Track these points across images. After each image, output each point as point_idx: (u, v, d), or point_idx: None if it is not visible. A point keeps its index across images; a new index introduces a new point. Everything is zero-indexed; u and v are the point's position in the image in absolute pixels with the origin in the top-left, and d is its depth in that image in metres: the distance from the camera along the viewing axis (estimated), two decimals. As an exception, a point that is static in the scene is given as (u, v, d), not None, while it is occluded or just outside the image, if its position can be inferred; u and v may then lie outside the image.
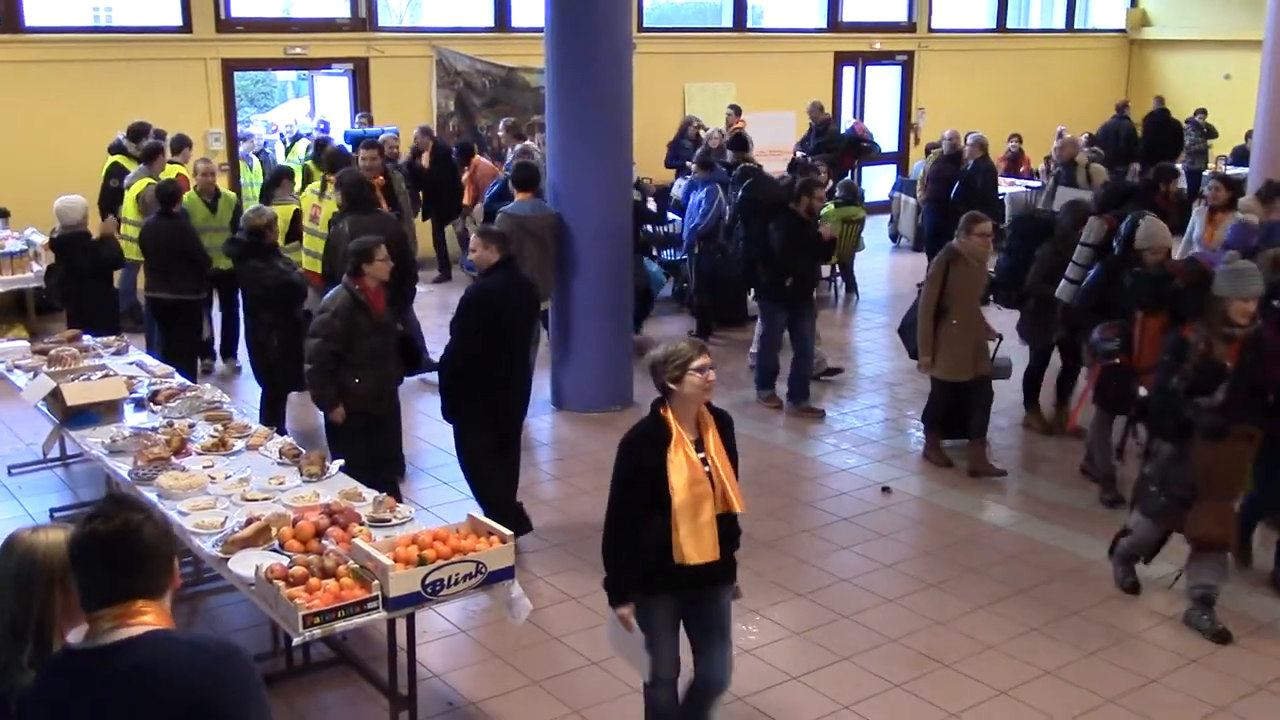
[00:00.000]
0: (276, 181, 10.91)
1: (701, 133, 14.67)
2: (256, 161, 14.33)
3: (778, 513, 7.62)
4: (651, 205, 13.46)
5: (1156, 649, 5.90)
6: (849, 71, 18.94)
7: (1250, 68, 15.55)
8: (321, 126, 15.21)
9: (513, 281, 6.74)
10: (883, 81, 19.50)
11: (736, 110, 15.67)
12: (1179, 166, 17.07)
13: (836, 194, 13.27)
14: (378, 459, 6.67)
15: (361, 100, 14.93)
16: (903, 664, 5.77)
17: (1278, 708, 5.41)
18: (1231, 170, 15.88)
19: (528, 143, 12.33)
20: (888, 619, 6.21)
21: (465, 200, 13.07)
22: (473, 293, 6.73)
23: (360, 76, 14.99)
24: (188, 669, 2.51)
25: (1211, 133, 18.26)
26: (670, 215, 13.11)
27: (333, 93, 16.19)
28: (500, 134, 13.62)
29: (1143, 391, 6.49)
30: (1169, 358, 5.96)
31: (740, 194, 10.13)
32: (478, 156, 13.32)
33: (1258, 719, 5.33)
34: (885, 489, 7.95)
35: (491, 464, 6.82)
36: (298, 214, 9.93)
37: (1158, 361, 6.15)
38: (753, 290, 9.97)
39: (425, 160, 13.36)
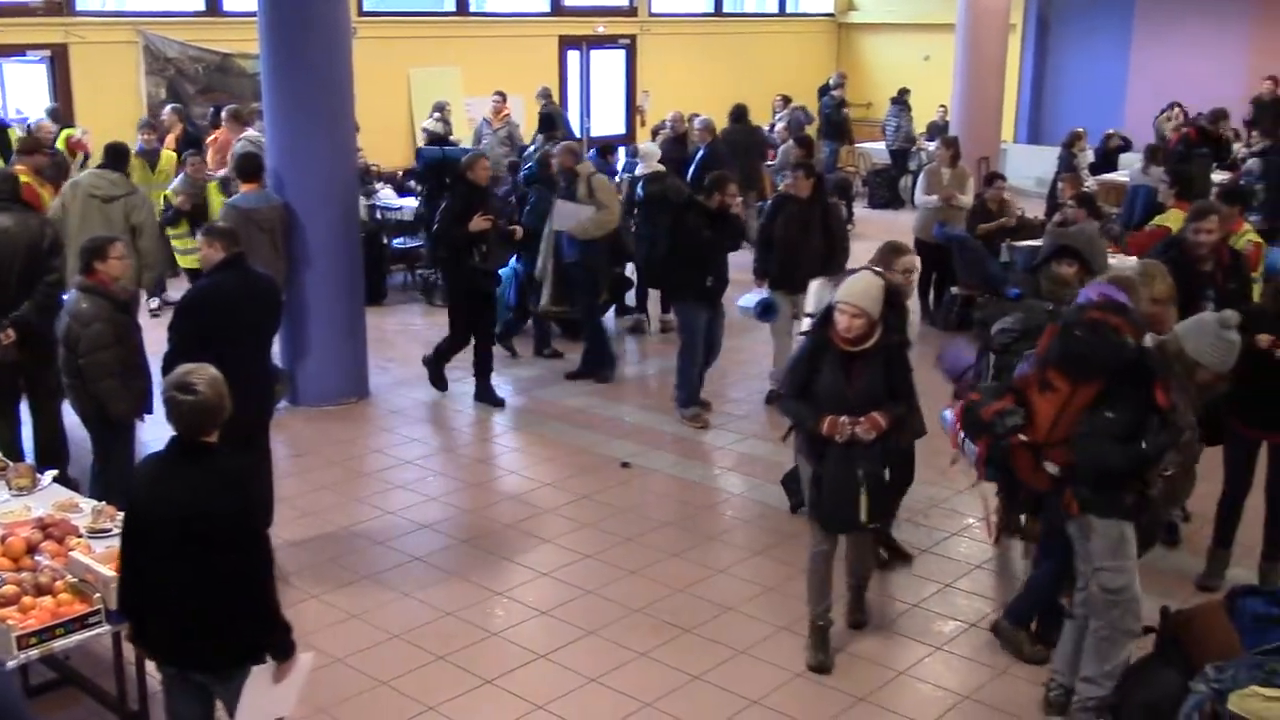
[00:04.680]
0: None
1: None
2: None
3: (518, 495, 7.66)
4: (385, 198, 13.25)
5: (887, 600, 6.25)
6: (574, 55, 19.13)
7: (946, 49, 16.65)
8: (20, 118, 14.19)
9: (243, 279, 6.43)
10: (608, 65, 19.79)
11: (502, 96, 15.47)
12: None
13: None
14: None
15: (61, 90, 14.02)
16: (647, 632, 5.91)
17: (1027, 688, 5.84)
18: (929, 144, 16.85)
19: (249, 131, 11.87)
20: (632, 590, 6.35)
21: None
22: (191, 294, 6.44)
23: (59, 64, 14.07)
24: None
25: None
26: None
27: (27, 82, 15.10)
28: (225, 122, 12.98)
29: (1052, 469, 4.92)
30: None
31: (642, 192, 9.65)
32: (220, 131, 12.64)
33: (965, 651, 5.75)
34: (624, 464, 8.11)
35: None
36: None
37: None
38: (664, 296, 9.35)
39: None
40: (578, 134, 17.51)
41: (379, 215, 12.90)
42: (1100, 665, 4.94)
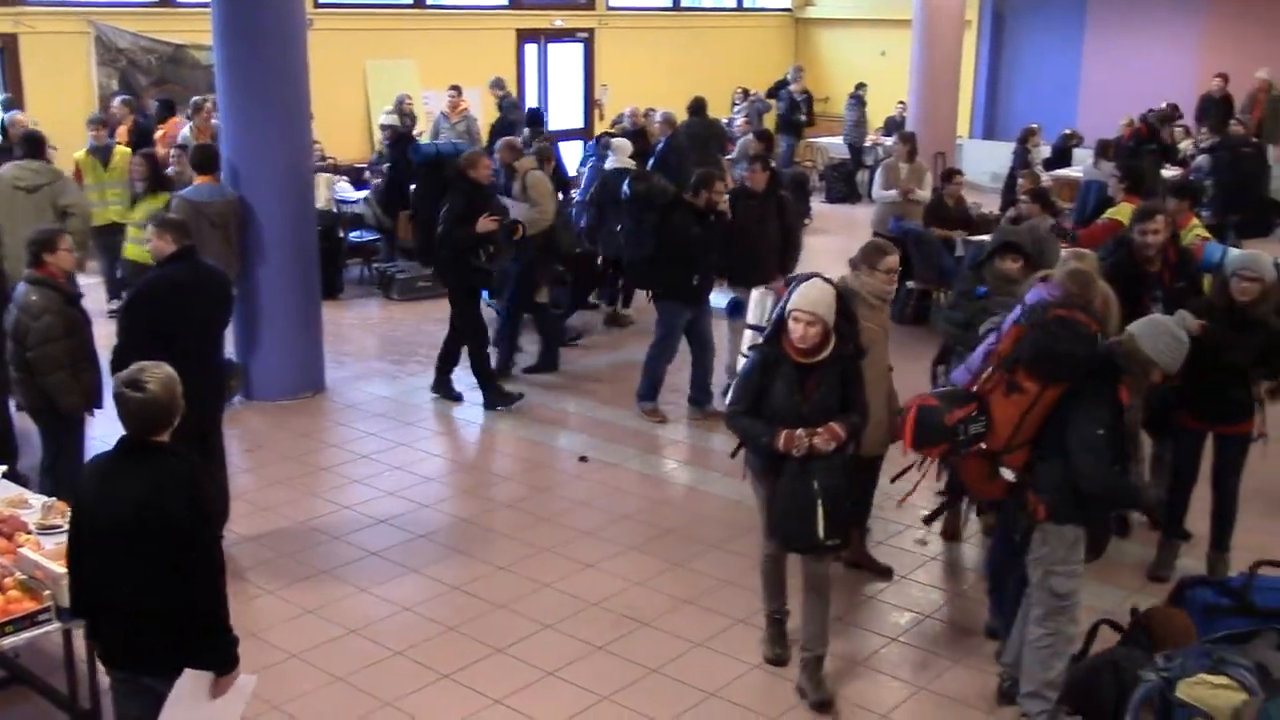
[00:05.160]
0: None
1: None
2: None
3: (475, 490, 7.65)
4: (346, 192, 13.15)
5: (846, 591, 6.27)
6: (531, 49, 19.07)
7: (903, 45, 16.73)
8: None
9: (193, 272, 6.37)
10: (566, 58, 19.74)
11: (457, 90, 15.42)
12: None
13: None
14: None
15: (11, 81, 13.81)
16: (605, 626, 5.92)
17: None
18: (886, 139, 16.95)
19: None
20: (589, 584, 6.35)
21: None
22: (140, 287, 6.36)
23: (9, 55, 13.85)
24: None
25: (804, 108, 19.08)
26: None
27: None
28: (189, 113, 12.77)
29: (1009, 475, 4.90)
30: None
31: (628, 190, 9.40)
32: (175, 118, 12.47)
33: (920, 642, 5.80)
34: (583, 458, 8.11)
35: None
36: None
37: (1089, 438, 4.68)
38: (650, 293, 9.07)
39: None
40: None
41: (335, 208, 12.81)
42: (1044, 674, 4.95)
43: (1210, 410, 6.13)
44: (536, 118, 14.58)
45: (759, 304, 5.72)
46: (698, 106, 14.38)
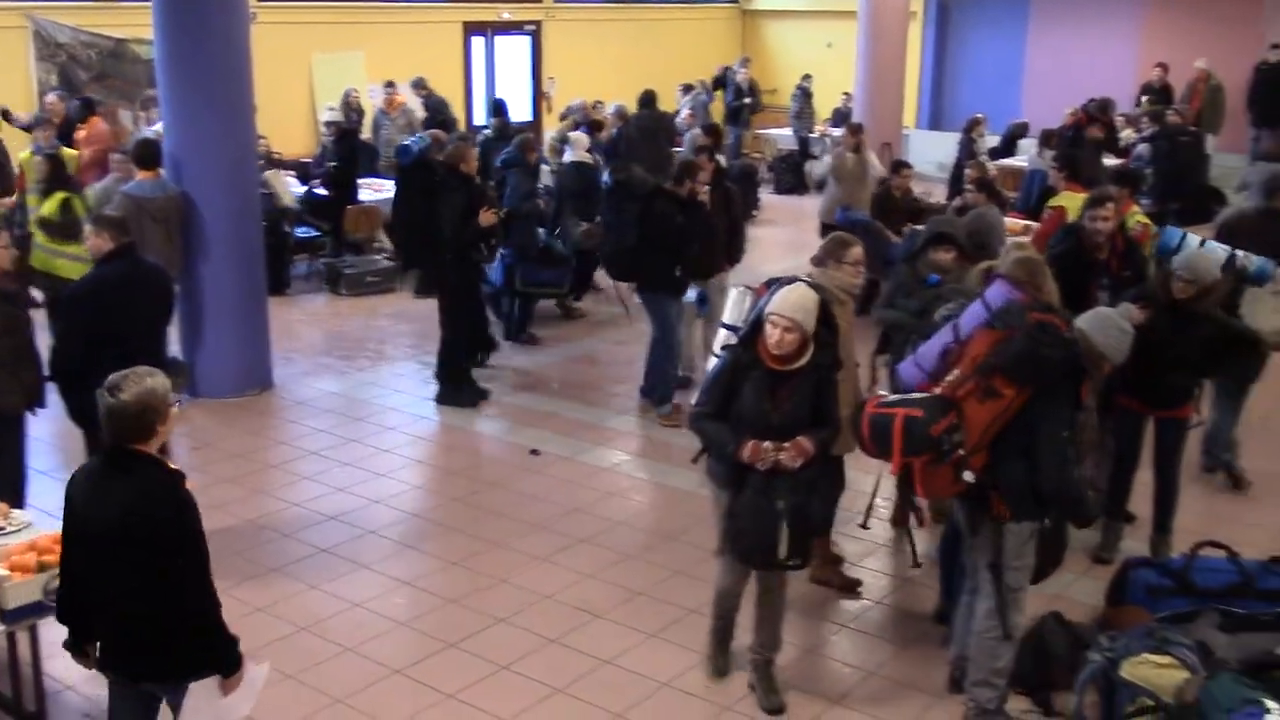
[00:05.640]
0: None
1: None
2: None
3: (426, 485, 7.62)
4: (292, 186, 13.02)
5: (793, 578, 6.31)
6: (479, 41, 18.99)
7: (849, 36, 16.83)
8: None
9: (132, 269, 6.29)
10: (513, 51, 19.67)
11: (392, 85, 15.32)
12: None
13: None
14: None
15: (-53, 75, 13.58)
16: (557, 619, 5.92)
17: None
18: (834, 130, 17.04)
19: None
20: (541, 577, 6.35)
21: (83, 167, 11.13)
22: (78, 286, 6.28)
23: (-56, 49, 13.64)
24: None
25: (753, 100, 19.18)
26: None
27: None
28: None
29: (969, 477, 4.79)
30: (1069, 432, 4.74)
31: (609, 181, 9.27)
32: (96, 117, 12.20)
33: (869, 629, 5.84)
34: (534, 451, 8.10)
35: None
36: None
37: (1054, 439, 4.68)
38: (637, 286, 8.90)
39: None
40: (469, 124, 17.44)
41: (299, 205, 12.71)
42: (992, 663, 4.96)
43: (1151, 395, 6.22)
44: (500, 108, 14.53)
45: (736, 303, 5.36)
46: (648, 99, 14.39)
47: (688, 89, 18.40)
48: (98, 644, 3.95)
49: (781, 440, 4.77)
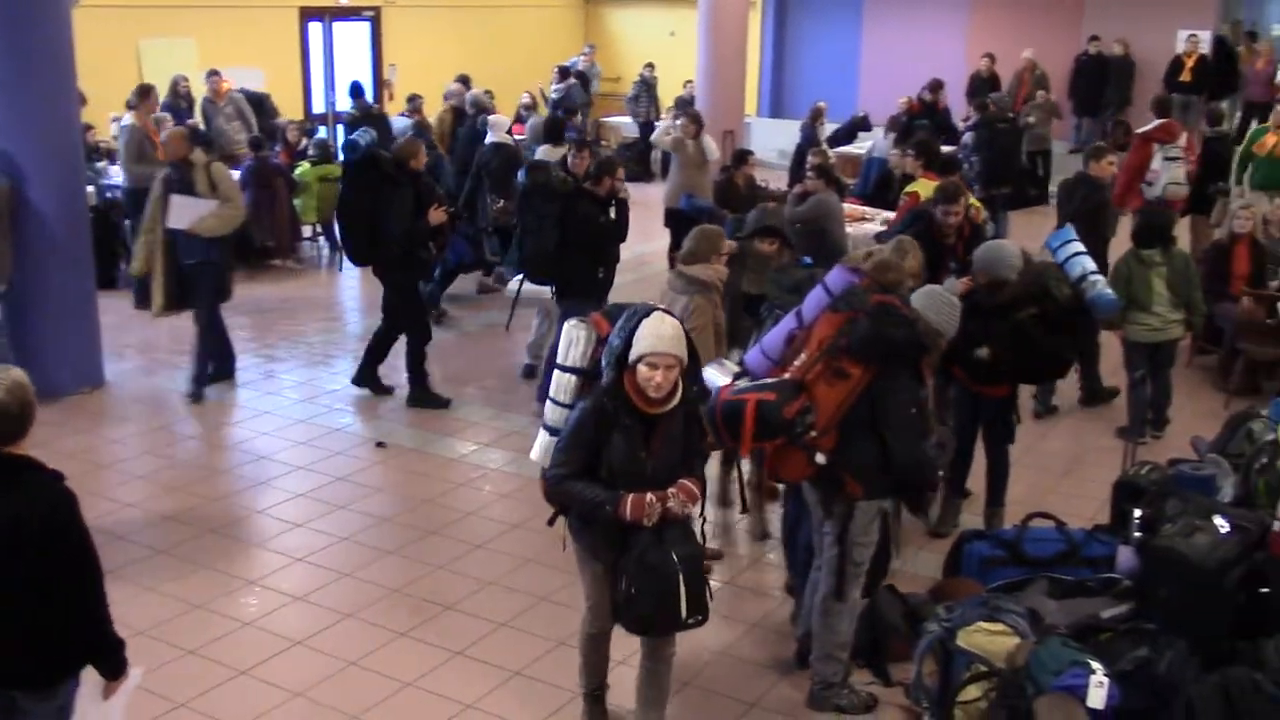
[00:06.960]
0: None
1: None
2: None
3: (267, 481, 7.45)
4: None
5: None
6: (316, 27, 18.57)
7: (691, 24, 16.98)
8: None
9: None
10: (352, 38, 19.30)
11: (218, 73, 14.83)
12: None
13: (310, 152, 13.06)
14: None
15: None
16: (407, 612, 5.87)
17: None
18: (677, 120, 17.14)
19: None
20: (389, 570, 6.28)
21: None
22: None
23: None
24: None
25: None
26: None
27: None
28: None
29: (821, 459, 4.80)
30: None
31: (524, 180, 8.81)
32: None
33: (717, 609, 5.94)
34: (379, 444, 8.00)
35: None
36: None
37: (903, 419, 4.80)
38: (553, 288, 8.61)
39: None
40: (323, 109, 17.09)
41: (109, 195, 12.23)
42: (834, 637, 5.07)
43: (977, 372, 6.44)
44: (358, 90, 14.30)
45: (572, 343, 4.58)
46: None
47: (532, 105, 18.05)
48: None
49: (658, 489, 4.34)
